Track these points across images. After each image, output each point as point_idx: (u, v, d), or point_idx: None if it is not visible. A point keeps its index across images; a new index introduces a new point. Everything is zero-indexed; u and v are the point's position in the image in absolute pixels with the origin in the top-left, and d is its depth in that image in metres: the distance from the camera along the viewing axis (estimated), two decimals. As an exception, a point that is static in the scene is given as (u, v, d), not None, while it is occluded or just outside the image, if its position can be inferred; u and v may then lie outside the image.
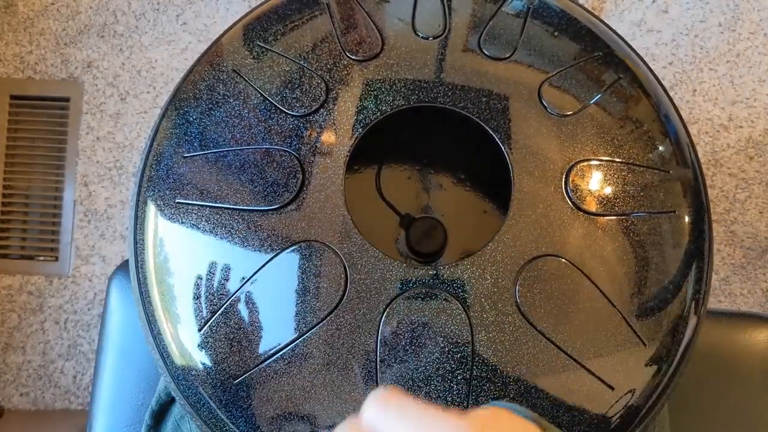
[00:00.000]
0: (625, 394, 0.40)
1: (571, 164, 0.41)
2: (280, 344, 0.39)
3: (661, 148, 0.43)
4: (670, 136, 0.44)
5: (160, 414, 0.59)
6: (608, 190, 0.41)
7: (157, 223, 0.43)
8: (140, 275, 0.43)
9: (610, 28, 0.48)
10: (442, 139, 0.49)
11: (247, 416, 0.39)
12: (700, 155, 0.45)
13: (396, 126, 0.43)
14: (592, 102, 0.43)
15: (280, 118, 0.42)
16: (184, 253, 0.41)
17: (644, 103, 0.45)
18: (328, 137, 0.42)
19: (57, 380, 1.26)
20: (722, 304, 1.28)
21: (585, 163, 0.41)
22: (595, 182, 0.41)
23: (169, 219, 0.42)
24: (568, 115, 0.42)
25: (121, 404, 0.68)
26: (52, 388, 1.26)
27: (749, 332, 0.69)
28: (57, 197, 1.33)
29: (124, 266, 0.74)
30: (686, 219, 0.42)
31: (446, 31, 0.45)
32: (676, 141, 0.44)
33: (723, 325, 0.70)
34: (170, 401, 0.59)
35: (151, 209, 0.43)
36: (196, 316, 0.40)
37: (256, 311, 0.39)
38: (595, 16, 0.48)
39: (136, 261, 0.43)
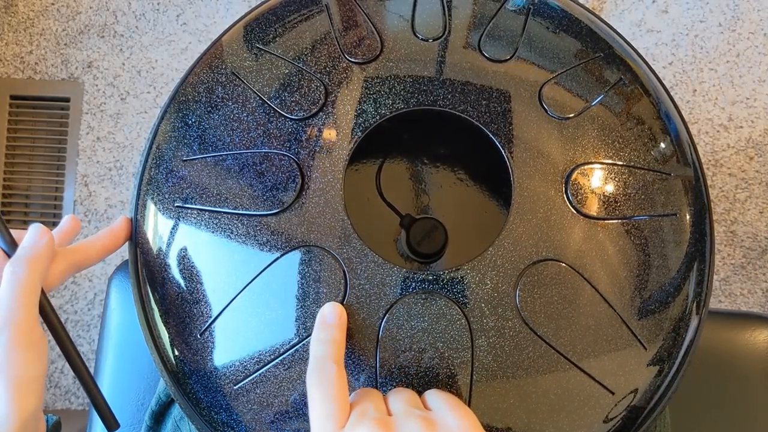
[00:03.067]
0: (626, 397, 0.40)
1: (572, 167, 0.41)
2: (280, 349, 0.39)
3: (662, 150, 0.43)
4: (672, 138, 0.44)
5: (160, 414, 0.59)
6: (609, 194, 0.41)
7: (156, 227, 0.43)
8: (140, 278, 0.43)
9: (612, 28, 0.48)
10: (442, 140, 0.49)
11: (247, 420, 0.39)
12: (700, 155, 0.45)
13: (396, 127, 0.43)
14: (593, 104, 0.43)
15: (279, 122, 0.42)
16: (184, 256, 0.41)
17: (645, 105, 0.45)
18: (327, 141, 0.41)
19: (57, 380, 1.27)
20: (722, 304, 1.28)
21: (586, 167, 0.41)
22: (596, 185, 0.41)
23: (168, 223, 0.42)
24: (569, 118, 0.42)
25: (120, 404, 0.68)
26: (53, 388, 1.26)
27: (749, 332, 0.69)
28: (57, 197, 1.33)
29: (124, 266, 0.74)
30: (687, 221, 0.42)
31: (446, 32, 0.45)
32: (677, 143, 0.44)
33: (723, 325, 0.70)
34: (170, 402, 0.59)
35: (151, 213, 0.43)
36: (196, 320, 0.40)
37: (256, 316, 0.39)
38: (596, 16, 0.48)
39: (136, 264, 0.43)
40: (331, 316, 0.37)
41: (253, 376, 0.39)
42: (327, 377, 0.34)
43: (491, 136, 0.41)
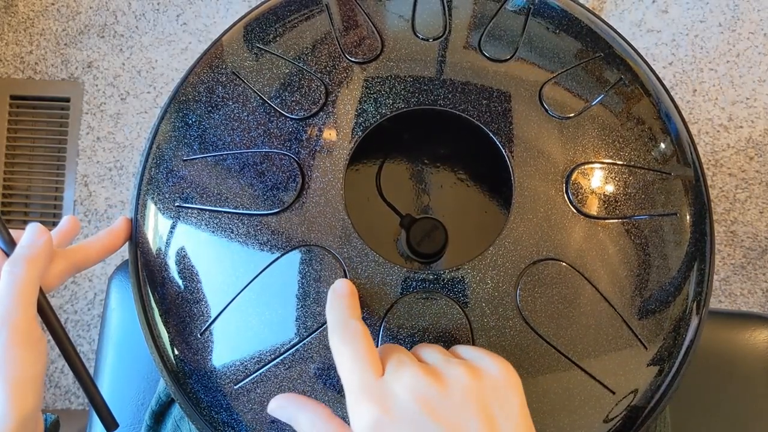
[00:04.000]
0: (627, 397, 0.40)
1: (572, 167, 0.41)
2: (280, 349, 0.39)
3: (662, 150, 0.43)
4: (672, 138, 0.44)
5: (160, 414, 0.59)
6: (610, 193, 0.41)
7: (156, 226, 0.43)
8: (140, 278, 0.43)
9: (612, 28, 0.48)
10: (443, 140, 0.49)
11: (247, 420, 0.39)
12: (700, 155, 0.45)
13: (396, 126, 0.43)
14: (593, 104, 0.43)
15: (280, 122, 0.42)
16: (184, 256, 0.41)
17: (645, 105, 0.45)
18: (327, 140, 0.42)
19: (57, 380, 1.27)
20: (722, 304, 1.28)
21: (586, 166, 0.41)
22: (597, 185, 0.41)
23: (168, 223, 0.42)
24: (569, 117, 0.42)
25: (121, 404, 0.68)
26: (53, 388, 1.26)
27: (749, 332, 0.69)
28: (57, 197, 1.33)
29: (124, 266, 0.74)
30: (688, 220, 0.42)
31: (446, 32, 0.45)
32: (677, 143, 0.44)
33: (723, 325, 0.70)
34: (170, 401, 0.59)
35: (151, 213, 0.43)
36: (196, 320, 0.40)
37: (257, 315, 0.39)
38: (597, 16, 0.48)
39: (136, 264, 0.43)
40: (341, 289, 0.36)
41: (254, 375, 0.39)
42: (352, 333, 0.33)
43: (492, 135, 0.42)
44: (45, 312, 0.38)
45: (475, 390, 0.31)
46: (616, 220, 0.40)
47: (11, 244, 0.38)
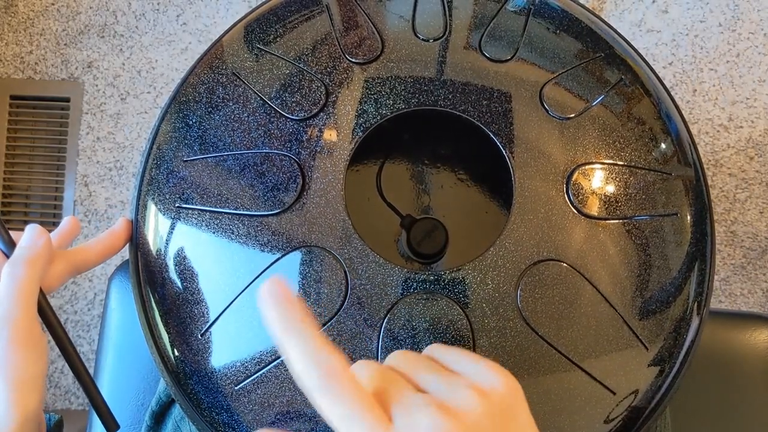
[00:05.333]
0: (627, 397, 0.40)
1: (573, 167, 0.41)
2: (281, 349, 0.39)
3: (663, 150, 0.43)
4: (672, 138, 0.44)
5: (160, 414, 0.59)
6: (610, 194, 0.41)
7: (157, 227, 0.43)
8: (140, 279, 0.43)
9: (612, 28, 0.48)
10: (443, 140, 0.49)
11: (248, 421, 0.39)
12: (700, 155, 0.45)
13: (397, 127, 0.43)
14: (594, 104, 0.43)
15: (280, 122, 0.42)
16: (185, 257, 0.41)
17: (646, 105, 0.45)
18: (328, 141, 0.42)
19: (57, 380, 1.26)
20: (722, 305, 1.28)
21: (587, 167, 0.41)
22: (598, 185, 0.41)
23: (169, 223, 0.42)
24: (570, 118, 0.42)
25: (121, 405, 0.68)
26: (53, 389, 1.26)
27: (749, 332, 0.69)
28: (57, 197, 1.33)
29: (124, 266, 0.74)
30: (688, 220, 0.42)
31: (447, 32, 0.45)
32: (678, 143, 0.44)
33: (723, 325, 0.70)
34: (170, 402, 0.59)
35: (151, 214, 0.43)
36: (197, 321, 0.40)
37: (257, 316, 0.39)
38: (597, 16, 0.48)
39: (136, 264, 0.43)
40: (282, 292, 0.28)
41: (255, 376, 0.39)
42: (336, 378, 0.26)
43: (492, 136, 0.42)
44: (45, 312, 0.38)
45: (492, 414, 0.29)
46: (616, 221, 0.40)
47: (11, 245, 0.38)
